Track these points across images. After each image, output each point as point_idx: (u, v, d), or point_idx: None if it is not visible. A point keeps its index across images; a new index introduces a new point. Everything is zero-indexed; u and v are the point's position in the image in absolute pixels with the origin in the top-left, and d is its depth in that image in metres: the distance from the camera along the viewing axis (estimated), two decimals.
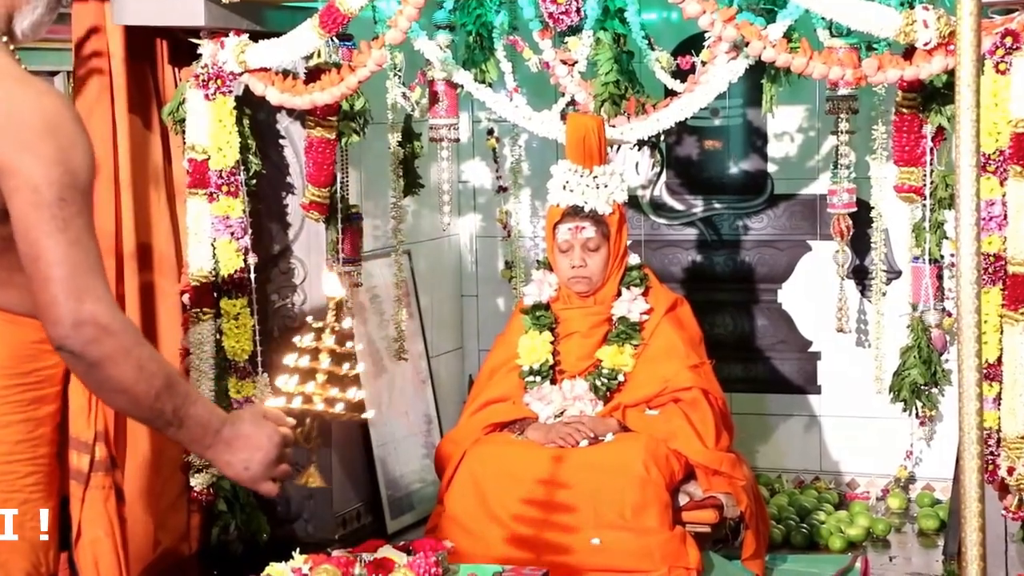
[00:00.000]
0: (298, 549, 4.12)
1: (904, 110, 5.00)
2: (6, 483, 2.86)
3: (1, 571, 2.87)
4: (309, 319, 3.03)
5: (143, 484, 5.33)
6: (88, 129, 5.21)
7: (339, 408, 3.03)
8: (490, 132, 6.70)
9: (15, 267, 2.70)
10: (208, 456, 2.84)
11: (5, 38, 2.84)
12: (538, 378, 5.46)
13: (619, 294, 5.50)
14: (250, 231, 5.46)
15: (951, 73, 4.68)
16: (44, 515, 2.88)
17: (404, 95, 5.76)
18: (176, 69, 5.59)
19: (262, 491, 2.91)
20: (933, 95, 4.96)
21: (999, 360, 4.58)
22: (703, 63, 5.42)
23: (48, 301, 2.61)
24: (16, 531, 2.89)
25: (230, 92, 5.38)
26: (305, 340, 3.03)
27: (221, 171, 5.39)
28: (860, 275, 6.44)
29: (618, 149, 5.71)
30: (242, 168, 5.44)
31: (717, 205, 6.89)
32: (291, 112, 5.67)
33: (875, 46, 5.01)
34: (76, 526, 3.05)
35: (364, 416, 3.08)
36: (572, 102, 5.72)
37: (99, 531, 3.04)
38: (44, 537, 2.88)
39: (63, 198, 2.62)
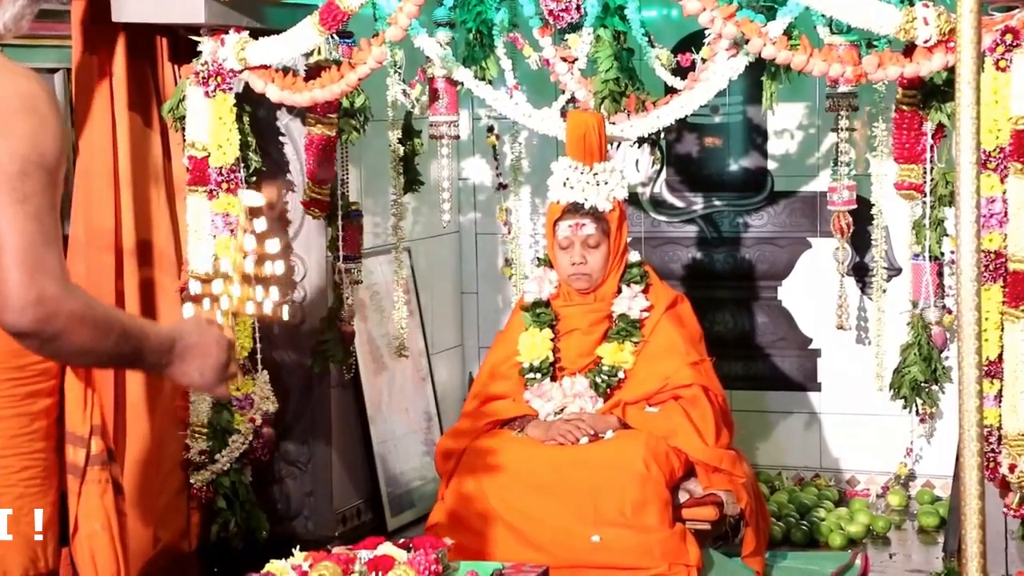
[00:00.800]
0: (298, 546, 4.12)
1: (904, 107, 5.00)
2: (1, 478, 2.86)
3: None
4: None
5: (142, 481, 5.34)
6: (88, 126, 5.25)
7: (266, 309, 3.11)
8: (490, 129, 6.69)
9: None
10: (166, 374, 2.88)
11: None
12: (538, 375, 5.46)
13: (619, 291, 5.50)
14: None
15: (951, 70, 4.70)
16: (39, 515, 2.88)
17: (404, 92, 5.76)
18: (176, 66, 5.59)
19: (217, 394, 2.98)
20: (933, 92, 4.96)
21: (1000, 357, 4.59)
22: (703, 60, 5.42)
23: (0, 276, 2.58)
24: (12, 527, 2.89)
25: (230, 89, 5.38)
26: (220, 246, 3.09)
27: (221, 168, 5.39)
28: (860, 272, 6.44)
29: (618, 146, 5.71)
30: (242, 165, 5.44)
31: (717, 202, 6.89)
32: (291, 109, 5.67)
33: (875, 43, 5.01)
34: (73, 520, 3.05)
35: (281, 316, 3.16)
36: (572, 99, 5.72)
37: (96, 525, 3.04)
38: (38, 537, 2.88)
39: (25, 172, 2.60)
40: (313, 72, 5.41)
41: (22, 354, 2.81)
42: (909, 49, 4.70)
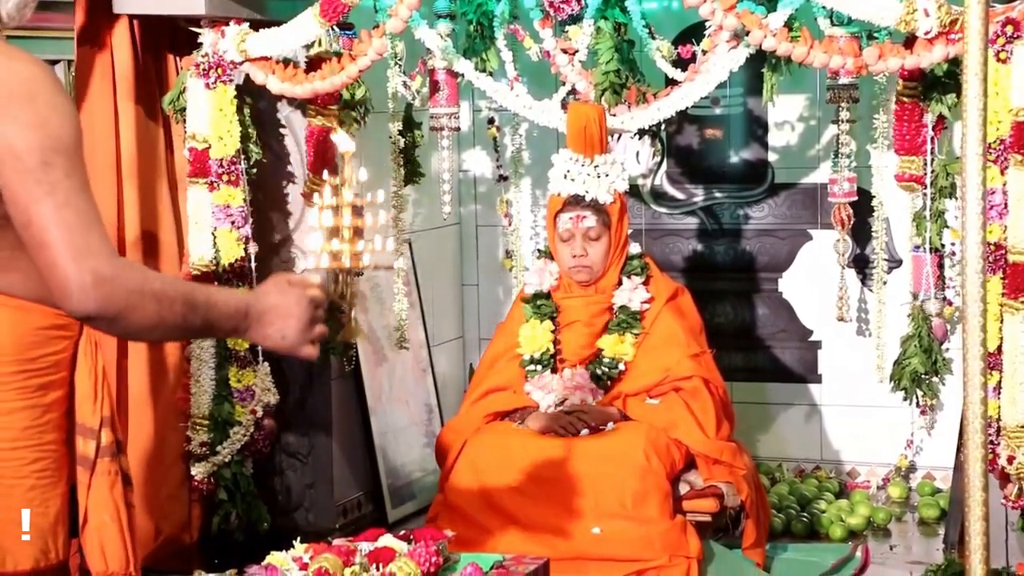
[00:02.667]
0: (299, 538, 4.12)
1: (905, 99, 5.00)
2: (13, 469, 2.87)
3: (9, 557, 2.88)
4: (325, 175, 3.07)
5: (144, 473, 5.35)
6: (90, 118, 5.25)
7: (367, 260, 3.06)
8: (491, 121, 6.69)
9: (16, 247, 2.70)
10: (247, 338, 2.92)
11: None
12: (539, 367, 5.46)
13: (620, 283, 5.50)
14: (251, 220, 5.47)
15: (952, 62, 4.71)
16: (26, 515, 2.89)
17: (405, 84, 5.76)
18: (177, 58, 5.59)
19: (303, 355, 2.95)
20: (934, 84, 4.96)
21: (999, 349, 4.59)
22: (704, 52, 5.41)
23: (48, 266, 2.62)
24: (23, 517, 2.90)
25: (231, 81, 5.38)
26: (325, 198, 3.05)
27: (222, 160, 5.39)
28: (861, 264, 6.45)
29: (619, 138, 5.71)
30: (243, 157, 5.44)
31: (718, 194, 6.88)
32: (292, 101, 5.67)
33: (876, 35, 5.01)
34: (83, 512, 3.05)
35: (392, 266, 3.12)
36: (573, 91, 5.71)
37: (105, 516, 3.04)
38: (25, 537, 2.89)
39: (46, 162, 2.62)
40: (314, 64, 5.41)
41: (34, 346, 2.82)
42: (910, 41, 4.70)
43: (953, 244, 5.19)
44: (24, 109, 2.64)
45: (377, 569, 3.87)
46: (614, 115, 5.53)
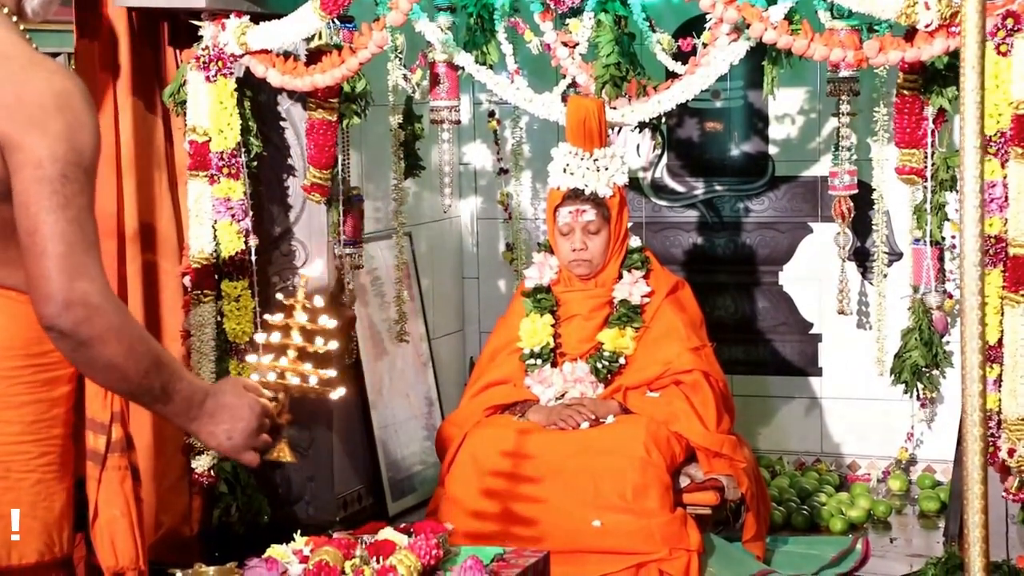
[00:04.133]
0: (299, 531, 4.12)
1: (905, 92, 4.99)
2: (19, 463, 2.87)
3: (14, 550, 2.88)
4: (279, 296, 3.09)
5: (145, 466, 5.34)
6: None
7: (312, 383, 3.07)
8: (491, 114, 6.70)
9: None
10: (192, 428, 2.89)
11: (15, 17, 2.84)
12: (539, 360, 5.47)
13: (620, 277, 5.51)
14: (251, 213, 5.46)
15: (952, 55, 4.70)
16: (15, 515, 2.89)
17: (405, 77, 5.76)
18: (177, 51, 5.59)
19: (244, 461, 2.97)
20: (934, 77, 4.95)
21: (999, 342, 4.59)
22: (704, 45, 5.41)
23: (41, 276, 2.63)
24: (29, 511, 2.90)
25: (231, 74, 5.38)
26: (276, 317, 3.06)
27: (222, 153, 5.39)
28: (861, 257, 6.45)
29: (619, 131, 5.71)
30: (243, 150, 5.44)
31: (718, 187, 6.88)
32: (292, 94, 5.66)
33: (876, 28, 5.01)
34: (93, 506, 3.06)
35: (336, 394, 3.14)
36: (573, 84, 5.72)
37: (116, 511, 3.06)
38: (15, 537, 2.89)
39: (66, 175, 2.63)
40: (314, 57, 5.40)
41: (42, 341, 2.83)
42: (910, 34, 4.70)
43: (953, 237, 5.19)
44: (54, 121, 2.66)
45: (377, 562, 3.87)
46: (614, 108, 5.53)
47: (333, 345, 3.10)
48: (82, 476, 3.06)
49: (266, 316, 3.11)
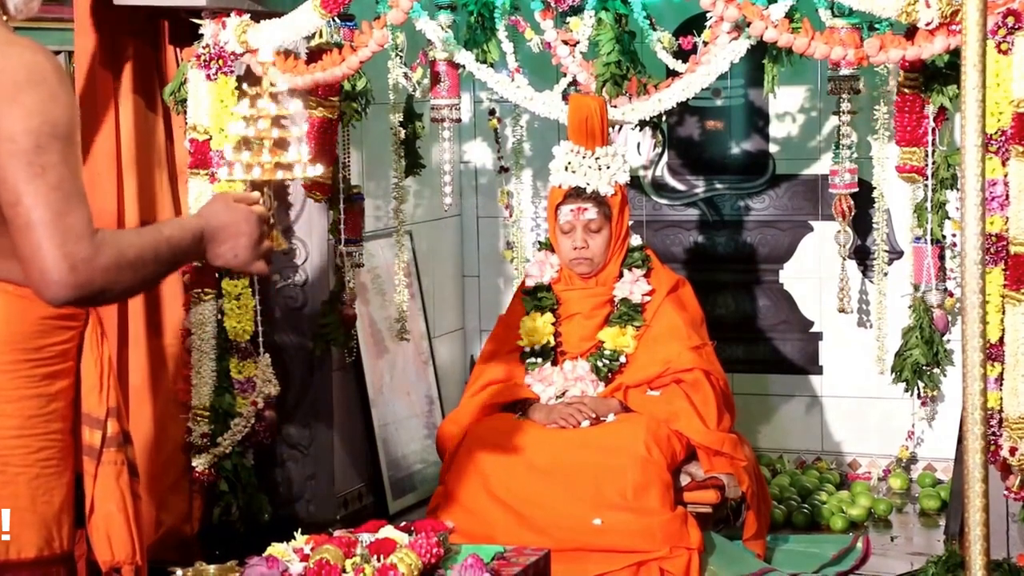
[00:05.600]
0: (299, 529, 4.12)
1: (906, 90, 4.99)
2: (18, 458, 2.88)
3: (13, 545, 2.88)
4: (243, 85, 3.13)
5: (145, 465, 5.34)
6: (90, 109, 5.24)
7: (295, 172, 3.12)
8: (492, 113, 6.69)
9: None
10: (198, 259, 3.00)
11: None
12: (539, 359, 5.47)
13: (621, 275, 5.51)
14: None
15: (953, 53, 4.70)
16: (6, 515, 2.90)
17: (406, 75, 5.76)
18: (177, 49, 5.59)
19: (254, 271, 3.05)
20: (935, 75, 4.95)
21: (1000, 340, 4.59)
22: (705, 43, 5.41)
23: (32, 250, 2.65)
24: (28, 506, 2.90)
25: (231, 72, 5.38)
26: (242, 107, 3.08)
27: (223, 151, 5.38)
28: (862, 255, 6.44)
29: (620, 130, 5.71)
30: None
31: (719, 185, 6.88)
32: (293, 92, 5.67)
33: (877, 26, 5.01)
34: (89, 502, 3.06)
35: (316, 174, 3.19)
36: (574, 82, 5.72)
37: (111, 506, 3.06)
38: (6, 537, 2.90)
39: (40, 145, 2.66)
40: (315, 55, 5.40)
41: (40, 335, 2.83)
42: (911, 32, 4.70)
43: (954, 235, 5.18)
44: (27, 95, 2.68)
45: (378, 560, 3.87)
46: (615, 106, 5.53)
47: (305, 128, 3.12)
48: (80, 472, 3.07)
49: (233, 109, 3.15)
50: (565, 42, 5.63)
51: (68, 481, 2.98)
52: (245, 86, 3.14)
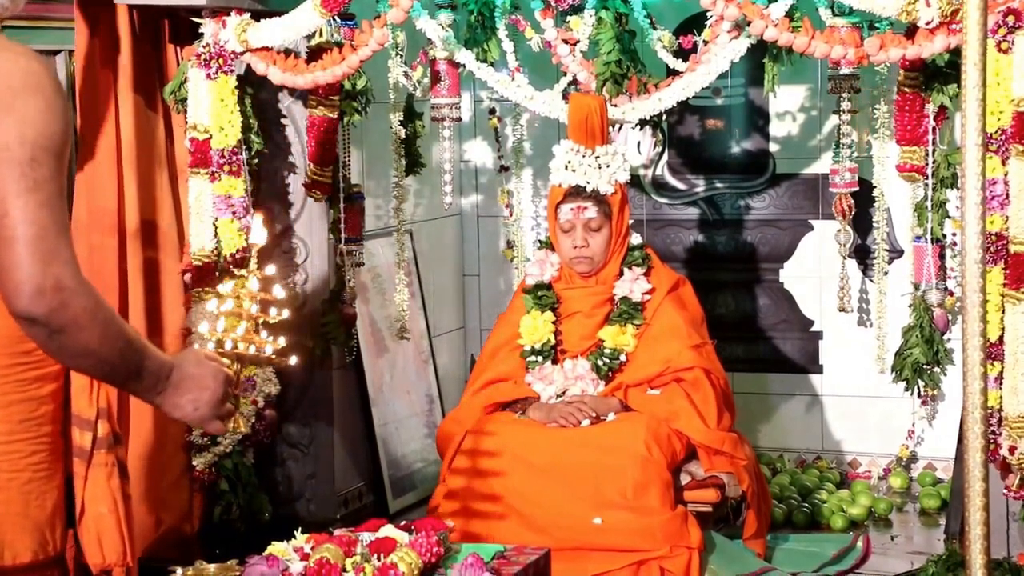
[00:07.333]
0: (300, 528, 4.12)
1: (906, 89, 4.99)
2: (9, 462, 2.86)
3: (8, 550, 2.87)
4: (232, 267, 3.12)
5: (145, 463, 5.35)
6: (91, 108, 5.24)
7: (267, 352, 3.09)
8: (492, 112, 6.70)
9: None
10: (157, 402, 2.89)
11: None
12: (540, 358, 5.46)
13: (621, 274, 5.51)
14: (252, 210, 5.46)
15: (953, 52, 4.70)
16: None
17: (406, 74, 5.76)
18: (178, 48, 5.59)
19: (211, 430, 2.99)
20: (935, 74, 4.95)
21: (1000, 339, 4.59)
22: (705, 42, 5.41)
23: (13, 263, 2.58)
24: (22, 510, 2.89)
25: (232, 71, 5.38)
26: (227, 287, 3.07)
27: (223, 150, 5.39)
28: (862, 254, 6.45)
29: (620, 128, 5.71)
30: (244, 147, 5.44)
31: (719, 184, 6.88)
32: (293, 91, 5.66)
33: (877, 25, 5.01)
34: (79, 504, 3.05)
35: (289, 362, 3.16)
36: (574, 81, 5.72)
37: (102, 508, 3.04)
38: None
39: (35, 158, 2.60)
40: (315, 54, 5.40)
41: (28, 339, 2.82)
42: (911, 31, 4.69)
43: (954, 234, 5.18)
44: (23, 102, 2.62)
45: (378, 559, 3.87)
46: (615, 105, 5.53)
47: (286, 314, 3.12)
48: (71, 473, 3.06)
49: (219, 286, 3.13)
50: (565, 41, 5.63)
51: (60, 484, 2.97)
52: (233, 267, 3.15)
